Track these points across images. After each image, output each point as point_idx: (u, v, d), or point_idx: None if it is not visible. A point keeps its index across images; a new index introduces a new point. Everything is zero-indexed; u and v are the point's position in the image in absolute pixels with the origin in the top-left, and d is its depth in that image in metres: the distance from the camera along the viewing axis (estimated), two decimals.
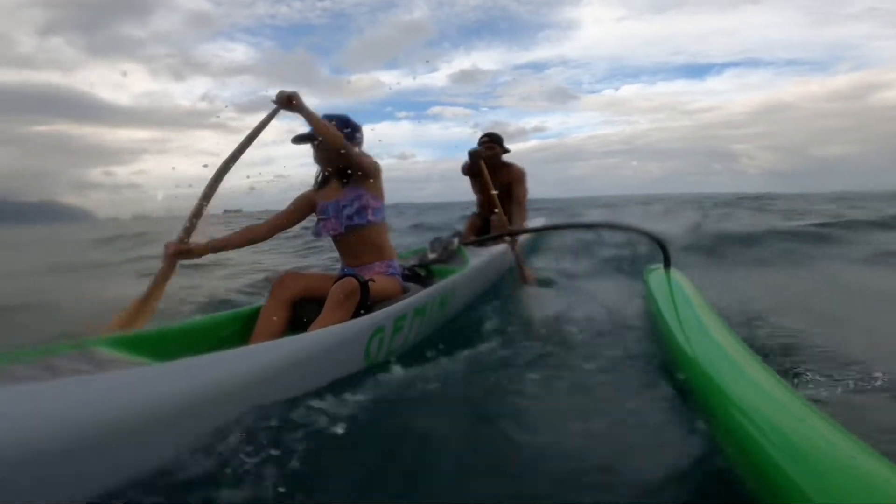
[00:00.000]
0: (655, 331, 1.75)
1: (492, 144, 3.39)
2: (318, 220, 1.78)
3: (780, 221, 6.75)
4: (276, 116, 1.62)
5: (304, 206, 1.80)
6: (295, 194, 1.82)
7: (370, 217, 1.69)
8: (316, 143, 1.69)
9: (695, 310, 1.63)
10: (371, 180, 1.70)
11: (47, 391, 0.78)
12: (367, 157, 1.73)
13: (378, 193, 1.73)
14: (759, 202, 13.38)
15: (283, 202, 1.80)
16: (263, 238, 1.74)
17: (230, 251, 1.70)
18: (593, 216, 9.52)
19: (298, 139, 1.69)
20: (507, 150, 3.47)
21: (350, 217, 1.68)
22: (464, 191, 3.59)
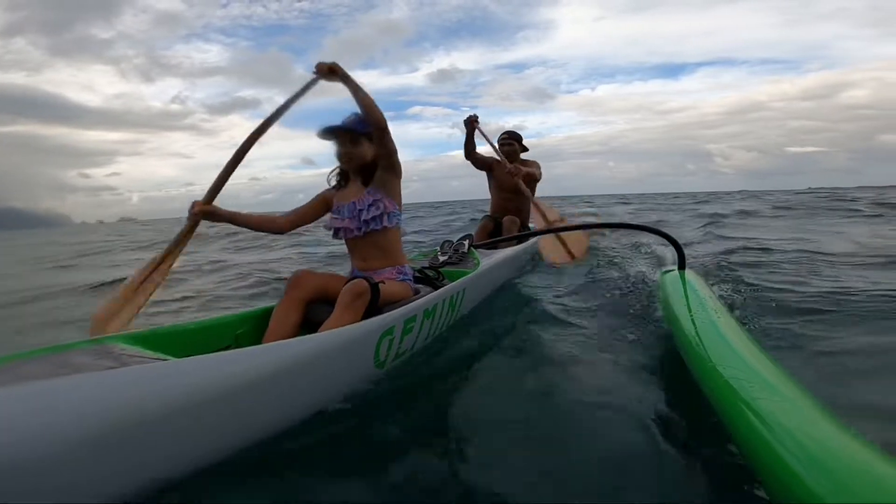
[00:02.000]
0: (670, 331, 1.73)
1: (511, 141, 3.43)
2: (332, 219, 1.77)
3: None
4: (313, 87, 1.65)
5: (320, 206, 1.81)
6: (271, 197, 1.87)
7: (386, 223, 1.67)
8: (341, 137, 1.67)
9: (709, 311, 1.60)
10: (392, 182, 1.68)
11: (69, 386, 0.77)
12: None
13: (397, 198, 1.70)
14: None
15: (258, 205, 1.85)
16: (281, 231, 1.77)
17: (246, 229, 1.74)
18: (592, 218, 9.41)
19: (325, 133, 1.67)
20: (525, 149, 3.49)
21: (367, 222, 1.66)
22: (449, 191, 3.63)
